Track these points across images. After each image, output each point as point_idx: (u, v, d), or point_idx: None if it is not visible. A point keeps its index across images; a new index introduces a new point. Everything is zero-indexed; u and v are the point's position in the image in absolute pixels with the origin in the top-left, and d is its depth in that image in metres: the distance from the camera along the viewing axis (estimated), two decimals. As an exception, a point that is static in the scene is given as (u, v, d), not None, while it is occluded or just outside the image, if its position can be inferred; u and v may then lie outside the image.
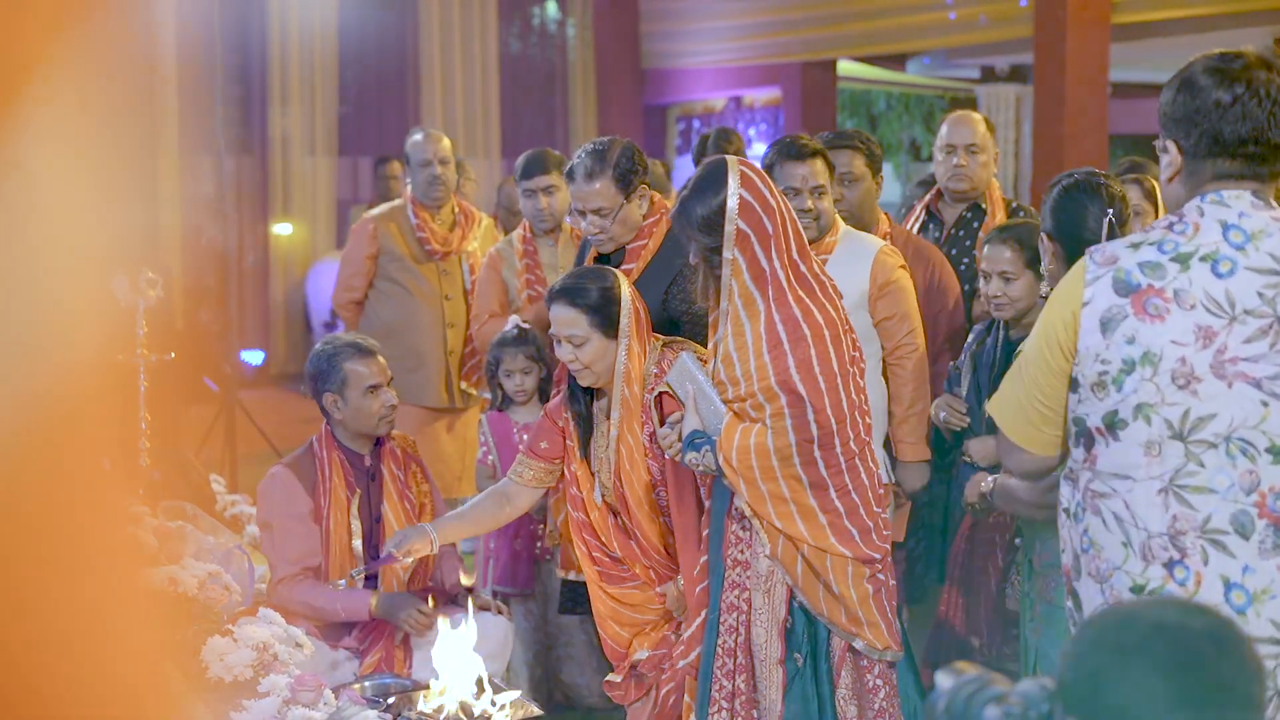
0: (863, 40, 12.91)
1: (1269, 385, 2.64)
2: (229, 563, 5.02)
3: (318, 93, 14.00)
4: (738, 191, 3.66)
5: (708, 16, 14.13)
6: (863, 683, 3.75)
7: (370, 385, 4.70)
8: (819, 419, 3.62)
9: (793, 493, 3.66)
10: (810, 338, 3.62)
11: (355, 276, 6.75)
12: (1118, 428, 2.70)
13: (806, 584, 3.70)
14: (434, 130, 6.74)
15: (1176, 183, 2.81)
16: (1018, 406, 2.83)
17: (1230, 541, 2.65)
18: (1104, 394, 2.71)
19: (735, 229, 3.64)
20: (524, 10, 15.19)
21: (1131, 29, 10.70)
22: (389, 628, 4.66)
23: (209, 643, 4.00)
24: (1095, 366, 2.71)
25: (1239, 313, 2.65)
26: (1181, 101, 2.76)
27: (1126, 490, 2.70)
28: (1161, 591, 2.67)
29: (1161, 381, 2.66)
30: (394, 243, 6.63)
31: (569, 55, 15.30)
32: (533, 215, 6.00)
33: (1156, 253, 2.70)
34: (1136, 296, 2.68)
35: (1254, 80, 2.70)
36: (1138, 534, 2.69)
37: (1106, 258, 2.75)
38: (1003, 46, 12.12)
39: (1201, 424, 2.65)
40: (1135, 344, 2.67)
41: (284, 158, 13.98)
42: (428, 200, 6.62)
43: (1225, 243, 2.69)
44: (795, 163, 4.66)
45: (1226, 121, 2.70)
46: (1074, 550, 2.82)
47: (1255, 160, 2.73)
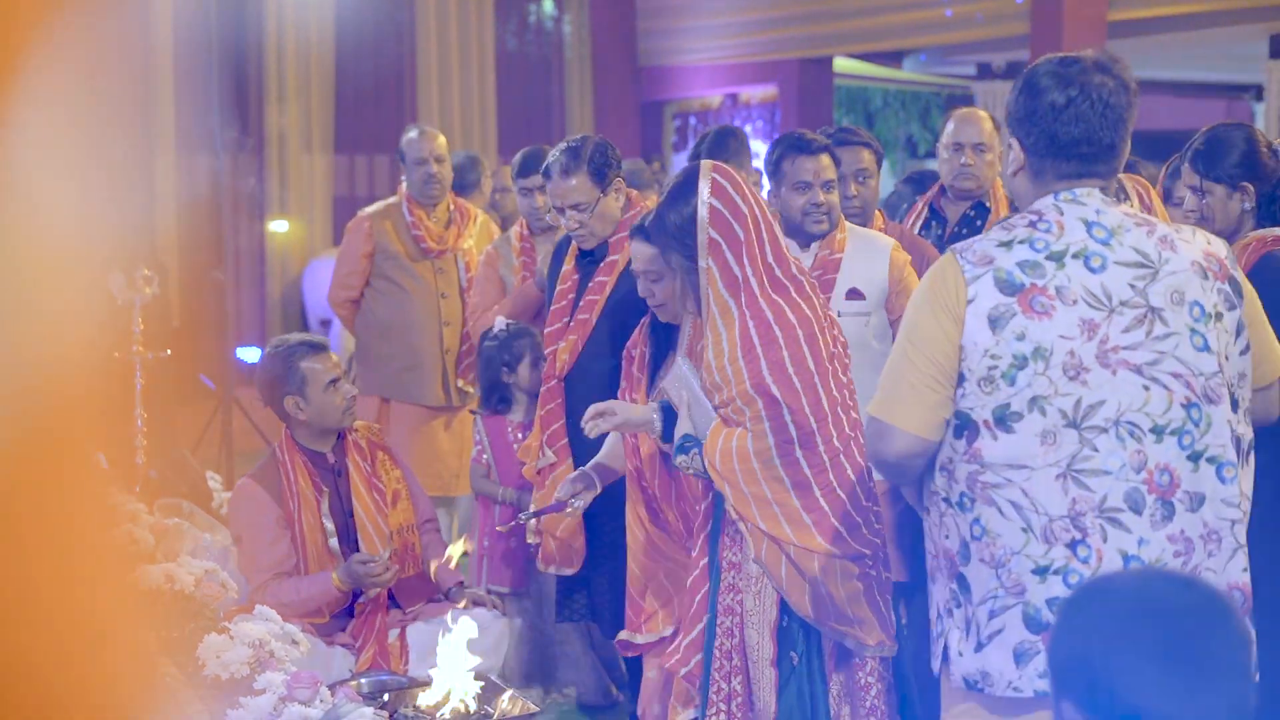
0: (859, 37, 12.92)
1: (1148, 370, 2.83)
2: (225, 560, 5.03)
3: (314, 90, 13.99)
4: (709, 200, 3.68)
5: (704, 13, 14.13)
6: (854, 680, 3.75)
7: (330, 380, 4.71)
8: (796, 419, 3.63)
9: (775, 494, 3.66)
10: (783, 339, 3.64)
11: (351, 275, 6.74)
12: (1010, 420, 2.83)
13: (791, 586, 3.69)
14: (429, 128, 6.74)
15: (1021, 178, 2.97)
16: (913, 389, 2.88)
17: (1125, 518, 2.81)
18: (992, 388, 2.83)
19: (708, 238, 3.67)
20: (520, 7, 15.18)
21: (1127, 25, 10.70)
22: (381, 624, 4.66)
23: (205, 640, 4.00)
24: (984, 362, 2.83)
25: (1116, 305, 2.83)
26: (1023, 102, 2.93)
27: (1023, 479, 2.82)
28: (1065, 570, 2.81)
29: (1054, 374, 2.81)
30: (389, 241, 6.63)
31: (565, 52, 15.30)
32: (528, 213, 6.02)
33: (1030, 251, 2.85)
34: (1022, 295, 2.82)
35: (1088, 84, 2.87)
36: (1038, 519, 2.82)
37: (979, 257, 2.87)
38: (999, 43, 12.13)
39: (1092, 411, 2.81)
40: (1025, 340, 2.81)
41: (280, 155, 13.98)
42: (423, 198, 6.62)
43: (1091, 239, 2.86)
44: (806, 157, 4.63)
45: (1061, 123, 2.88)
46: (959, 538, 2.91)
47: (1090, 160, 2.90)
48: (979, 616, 2.90)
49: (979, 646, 2.90)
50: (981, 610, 2.89)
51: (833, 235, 4.70)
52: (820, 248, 4.67)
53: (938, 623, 3.03)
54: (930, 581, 3.08)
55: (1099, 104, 2.87)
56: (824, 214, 4.61)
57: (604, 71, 15.11)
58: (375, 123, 14.14)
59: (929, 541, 3.07)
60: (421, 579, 4.87)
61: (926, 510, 3.05)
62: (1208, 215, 4.01)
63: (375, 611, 4.69)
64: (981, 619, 2.90)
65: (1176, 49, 12.88)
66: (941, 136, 5.65)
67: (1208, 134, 4.04)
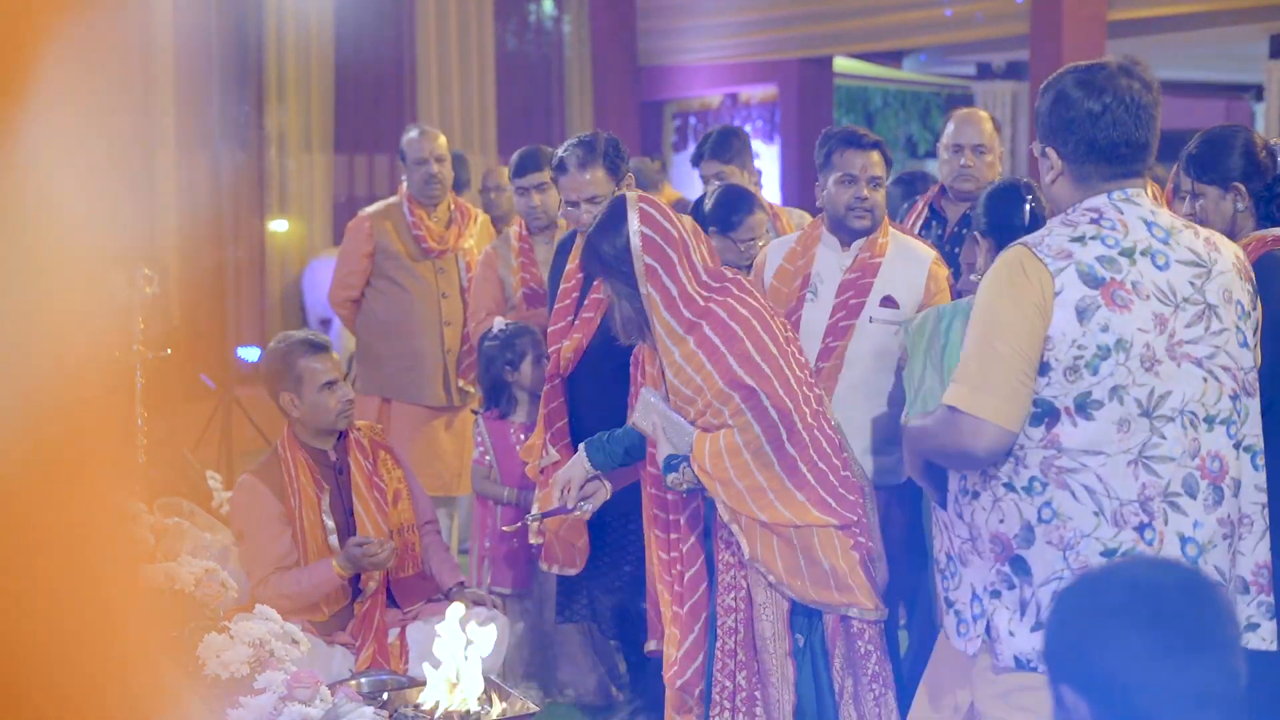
0: (859, 37, 12.91)
1: (1206, 364, 3.03)
2: (225, 559, 5.03)
3: (314, 90, 13.98)
4: (639, 229, 3.79)
5: (704, 13, 14.13)
6: (854, 650, 3.85)
7: (326, 381, 4.70)
8: (774, 403, 3.75)
9: (769, 481, 3.77)
10: (742, 332, 3.77)
11: (352, 275, 6.74)
12: (1091, 408, 2.97)
13: (790, 576, 3.78)
14: (429, 128, 6.73)
15: (1062, 184, 3.12)
16: (1004, 385, 2.98)
17: (1183, 502, 3.00)
18: (1076, 377, 2.97)
19: (644, 265, 3.78)
20: (520, 7, 15.18)
21: (1128, 25, 10.69)
22: (381, 623, 4.66)
23: (205, 639, 4.00)
24: (1071, 351, 2.96)
25: (1180, 300, 3.02)
26: (1059, 113, 3.08)
27: (1099, 465, 2.98)
28: (1133, 552, 2.98)
29: (1132, 365, 2.96)
30: (390, 240, 6.62)
31: (565, 52, 15.30)
32: (526, 213, 6.01)
33: (1104, 247, 3.01)
34: (1104, 289, 2.97)
35: (1119, 88, 3.04)
36: (1109, 503, 2.98)
37: (1057, 250, 3.01)
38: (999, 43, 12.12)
39: (1162, 401, 2.99)
40: (1109, 331, 2.96)
41: (280, 154, 13.97)
42: (424, 198, 6.62)
43: (1153, 238, 3.05)
44: (856, 151, 4.64)
45: (1099, 129, 3.04)
46: (1022, 522, 3.03)
47: (1129, 160, 3.07)
48: (1040, 597, 3.01)
49: (1038, 626, 3.01)
50: (1044, 590, 3.01)
51: (874, 238, 4.69)
52: (861, 249, 4.67)
53: (973, 604, 3.14)
54: (959, 564, 3.19)
55: (1132, 107, 3.04)
56: (867, 210, 4.63)
57: (604, 71, 15.10)
58: (375, 122, 14.13)
59: (960, 528, 3.17)
60: (420, 579, 4.87)
61: (973, 495, 3.13)
62: (1202, 218, 4.04)
63: (374, 610, 4.69)
64: (1043, 599, 3.01)
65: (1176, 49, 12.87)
66: (941, 137, 5.66)
67: (1201, 137, 4.07)
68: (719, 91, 14.58)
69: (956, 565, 3.20)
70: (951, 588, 3.23)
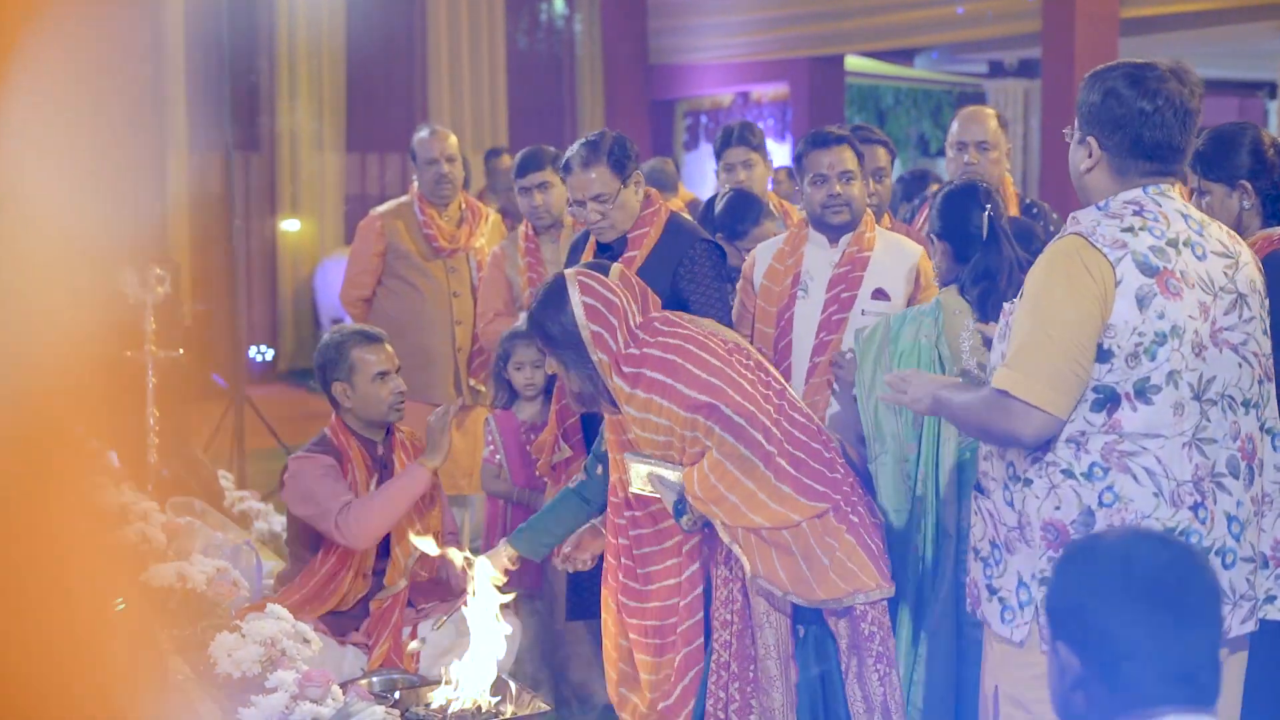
0: (870, 35, 12.90)
1: (1242, 350, 3.16)
2: (237, 559, 5.04)
3: (325, 89, 14.00)
4: (581, 300, 3.93)
5: (715, 12, 14.12)
6: (858, 632, 3.89)
7: (379, 372, 4.71)
8: (735, 409, 3.83)
9: (757, 484, 3.82)
10: (680, 359, 3.87)
11: (363, 274, 6.74)
12: (1150, 393, 3.07)
13: (795, 584, 3.83)
14: (440, 127, 6.73)
15: (1099, 174, 3.21)
16: (1055, 374, 3.07)
17: (1227, 482, 3.14)
18: (1136, 363, 3.06)
19: (590, 333, 3.91)
20: (531, 6, 15.19)
21: (1140, 23, 10.67)
22: (398, 621, 4.66)
23: (217, 638, 4.01)
24: (1132, 339, 3.06)
25: (1217, 290, 3.14)
26: (1109, 106, 3.15)
27: (1158, 447, 3.09)
28: (1188, 531, 3.10)
29: (1185, 351, 3.08)
30: (401, 240, 6.62)
31: (576, 50, 15.30)
32: (529, 212, 6.01)
33: (1153, 238, 3.10)
34: (1159, 277, 3.07)
35: (1170, 92, 3.13)
36: (1168, 484, 3.09)
37: (1112, 240, 3.09)
38: (1011, 41, 12.12)
39: (1208, 385, 3.12)
40: (1165, 319, 3.06)
41: (292, 154, 13.99)
42: (435, 198, 6.62)
43: (1191, 231, 3.16)
44: (820, 150, 4.73)
45: (1147, 128, 3.13)
46: (1081, 507, 3.12)
47: (1168, 160, 3.17)
48: None
49: None
50: None
51: (860, 233, 4.76)
52: (849, 244, 4.74)
53: (1020, 591, 3.20)
54: (1005, 552, 3.24)
55: (1180, 111, 3.14)
56: (842, 204, 4.70)
57: (615, 70, 15.11)
58: (386, 121, 14.15)
59: (1007, 515, 3.23)
60: (435, 584, 4.88)
61: (1025, 482, 3.18)
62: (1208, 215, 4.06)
63: (394, 608, 4.70)
64: None
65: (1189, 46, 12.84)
66: (948, 135, 5.68)
67: (1209, 134, 4.09)
68: (730, 90, 14.57)
69: (1002, 553, 3.25)
70: (996, 575, 3.27)
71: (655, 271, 4.63)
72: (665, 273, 4.65)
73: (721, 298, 4.69)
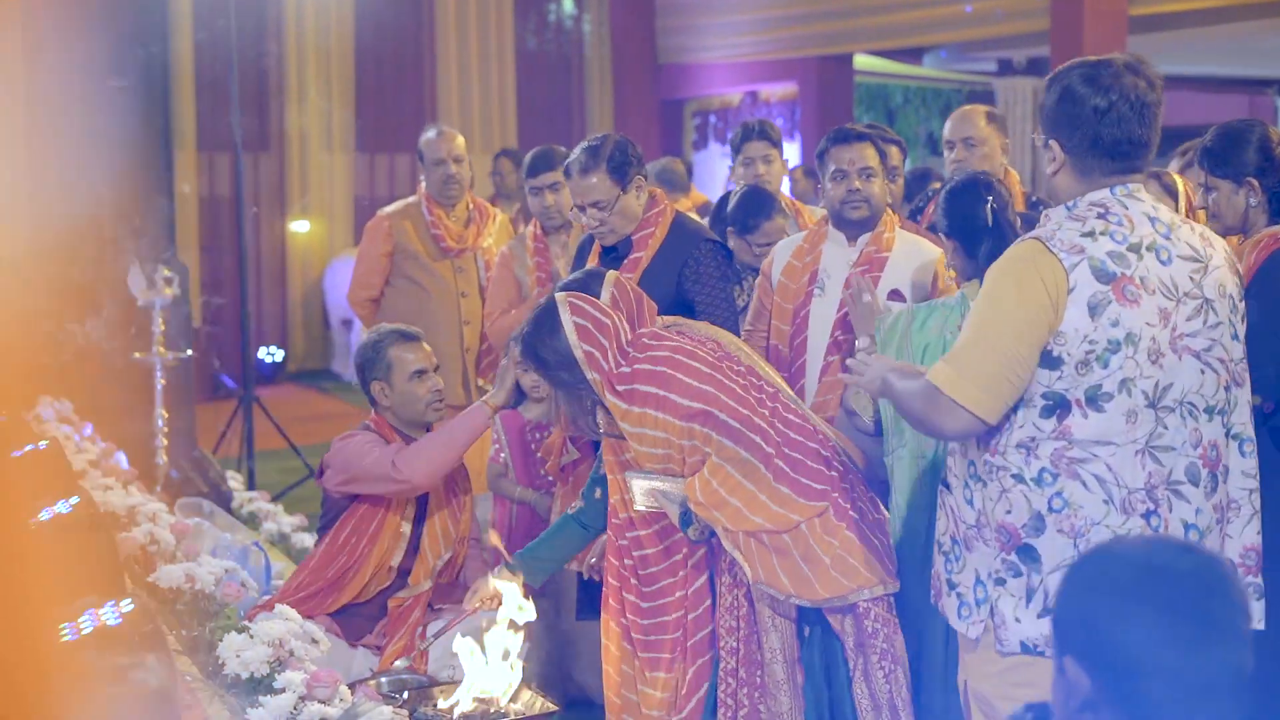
0: (879, 34, 12.90)
1: (1205, 356, 3.12)
2: (245, 559, 5.05)
3: (334, 90, 14.03)
4: (572, 321, 3.95)
5: (724, 11, 14.13)
6: (862, 629, 3.88)
7: (416, 370, 4.73)
8: (730, 414, 3.84)
9: (759, 486, 3.83)
10: (669, 370, 3.88)
11: (371, 274, 6.74)
12: (1101, 400, 3.05)
13: (798, 586, 3.82)
14: (447, 128, 6.74)
15: (1064, 176, 3.19)
16: (990, 379, 3.07)
17: (1185, 489, 3.11)
18: (1088, 371, 3.04)
19: (583, 353, 3.93)
20: (540, 6, 15.20)
21: (1148, 20, 10.67)
22: (417, 619, 4.67)
23: (225, 639, 4.01)
24: (1082, 346, 3.03)
25: (1181, 295, 3.09)
26: (1064, 108, 3.14)
27: (1109, 455, 3.06)
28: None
29: (1140, 358, 3.05)
30: (409, 240, 6.63)
31: (585, 50, 15.31)
32: (540, 213, 6.02)
33: (1113, 243, 3.07)
34: (1115, 284, 3.04)
35: (1124, 86, 3.09)
36: (1119, 491, 3.07)
37: (1070, 246, 3.06)
38: (1020, 39, 12.11)
39: (1165, 393, 3.08)
40: (1119, 326, 3.03)
41: (301, 155, 14.01)
42: (442, 198, 6.62)
43: (1156, 234, 3.11)
44: (842, 146, 4.74)
45: (1104, 125, 3.10)
46: (1031, 512, 3.11)
47: (1131, 156, 3.13)
48: (1049, 584, 3.09)
49: (1045, 612, 3.09)
50: (1053, 578, 3.09)
51: (879, 232, 4.76)
52: (868, 243, 4.74)
53: (976, 589, 3.21)
54: (964, 549, 3.25)
55: (1136, 105, 3.10)
56: (861, 200, 4.70)
57: (623, 70, 15.11)
58: (395, 122, 14.17)
59: (966, 513, 3.23)
60: (453, 586, 4.88)
61: (982, 482, 3.20)
62: (1215, 212, 4.08)
63: (414, 607, 4.70)
64: (1051, 586, 3.08)
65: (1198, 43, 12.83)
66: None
67: (1217, 131, 4.08)
68: (739, 89, 14.57)
69: (961, 549, 3.26)
70: (955, 570, 3.29)
71: (660, 272, 4.64)
72: (670, 274, 4.66)
73: (727, 298, 4.69)
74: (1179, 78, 15.72)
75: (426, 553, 4.74)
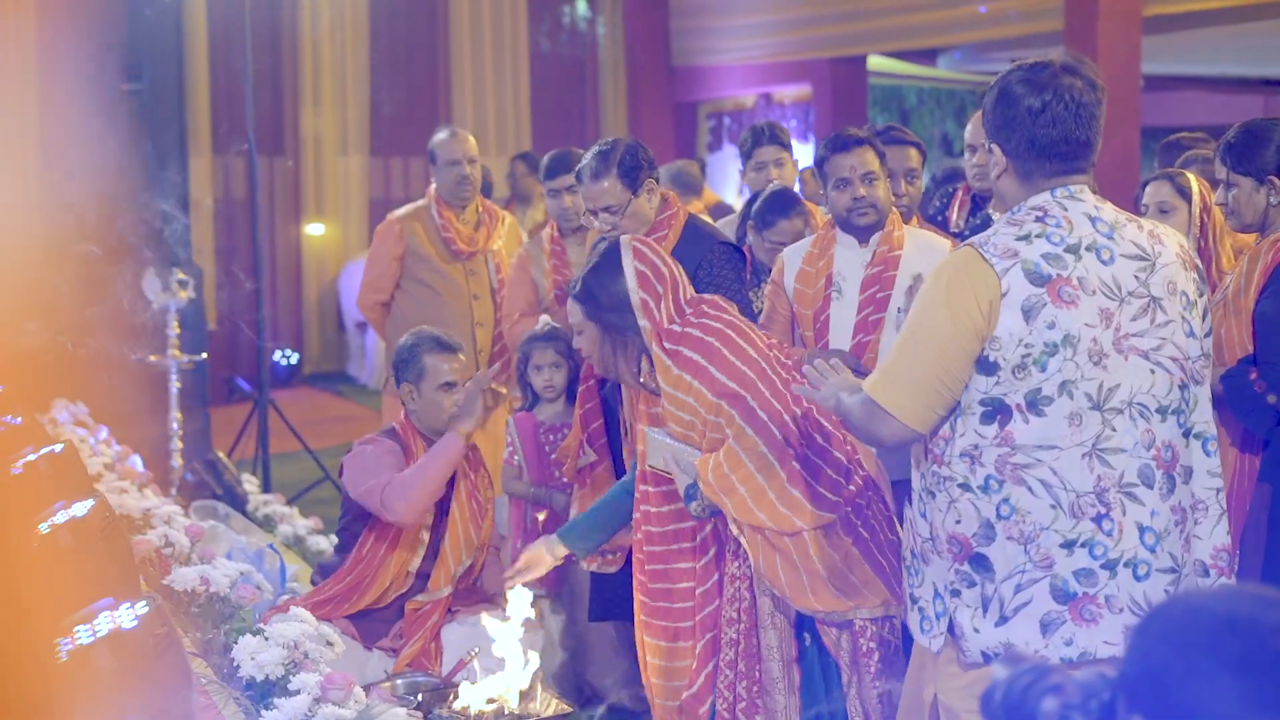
0: (893, 35, 12.89)
1: (1154, 356, 3.07)
2: (260, 562, 5.06)
3: (349, 93, 14.05)
4: (634, 266, 3.97)
5: (738, 13, 14.13)
6: (857, 648, 3.85)
7: (445, 382, 4.73)
8: (762, 405, 3.83)
9: (770, 482, 3.80)
10: (718, 343, 3.88)
11: (382, 278, 6.74)
12: (1041, 404, 3.02)
13: (793, 590, 3.80)
14: (460, 129, 6.74)
15: (1007, 180, 3.17)
16: (916, 386, 3.06)
17: (1139, 492, 3.06)
18: (1025, 374, 3.02)
19: (640, 299, 3.95)
20: (554, 8, 15.21)
21: (1162, 21, 10.64)
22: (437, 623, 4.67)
23: (240, 641, 4.02)
24: (1018, 350, 3.01)
25: (1125, 295, 3.05)
26: (1000, 110, 3.13)
27: (1053, 459, 3.03)
28: (1091, 542, 3.03)
29: (1080, 360, 3.01)
30: (420, 243, 6.64)
31: (599, 53, 15.32)
32: (558, 215, 6.03)
33: (1049, 244, 3.04)
34: (1050, 286, 3.00)
35: (1060, 87, 3.07)
36: (1066, 495, 3.04)
37: (1003, 250, 3.04)
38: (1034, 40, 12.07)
39: (1111, 394, 3.04)
40: (1055, 328, 3.00)
41: (316, 158, 14.03)
42: (455, 200, 6.63)
43: (1098, 234, 3.07)
44: (841, 154, 4.71)
45: (1039, 126, 3.07)
46: (980, 520, 3.09)
47: (1070, 157, 3.10)
48: (1003, 592, 3.08)
49: (1002, 620, 3.08)
50: (1006, 586, 3.07)
51: (889, 232, 4.74)
52: (879, 243, 4.72)
53: (935, 602, 3.19)
54: (921, 562, 3.24)
55: (1072, 105, 3.07)
56: (868, 206, 4.67)
57: (637, 72, 15.12)
58: (410, 125, 14.18)
59: (921, 526, 3.23)
60: (471, 591, 4.89)
61: (931, 494, 3.18)
62: (1234, 208, 4.07)
63: (434, 611, 4.71)
64: (1006, 594, 3.07)
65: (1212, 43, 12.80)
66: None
67: (1241, 127, 4.07)
68: (753, 91, 14.57)
69: (919, 563, 3.25)
70: (915, 584, 3.28)
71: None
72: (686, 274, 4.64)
73: (742, 301, 4.69)
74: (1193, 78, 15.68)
75: (448, 558, 4.74)
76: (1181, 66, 13.94)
